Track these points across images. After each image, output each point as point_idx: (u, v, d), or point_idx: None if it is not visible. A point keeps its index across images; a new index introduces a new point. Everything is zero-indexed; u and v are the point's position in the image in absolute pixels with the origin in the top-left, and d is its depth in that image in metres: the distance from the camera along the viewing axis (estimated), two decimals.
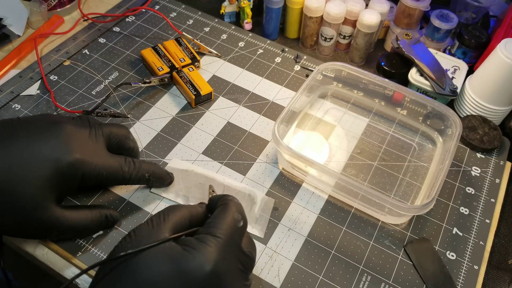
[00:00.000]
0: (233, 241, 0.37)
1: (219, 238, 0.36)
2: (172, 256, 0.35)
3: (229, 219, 0.38)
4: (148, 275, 0.34)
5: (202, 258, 0.35)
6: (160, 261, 0.35)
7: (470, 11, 0.68)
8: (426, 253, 0.49)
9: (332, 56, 0.72)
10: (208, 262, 0.34)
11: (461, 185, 0.55)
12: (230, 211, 0.38)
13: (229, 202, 0.40)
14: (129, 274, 0.34)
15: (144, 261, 0.35)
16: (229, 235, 0.37)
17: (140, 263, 0.35)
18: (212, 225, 0.37)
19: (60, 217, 0.42)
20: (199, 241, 0.36)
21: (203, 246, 0.35)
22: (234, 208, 0.39)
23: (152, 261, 0.35)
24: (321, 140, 0.59)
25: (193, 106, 0.61)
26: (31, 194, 0.40)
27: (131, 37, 0.70)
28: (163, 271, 0.34)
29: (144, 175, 0.48)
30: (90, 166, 0.43)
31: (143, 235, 0.37)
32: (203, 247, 0.35)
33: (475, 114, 0.61)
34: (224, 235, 0.36)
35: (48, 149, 0.41)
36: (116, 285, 0.35)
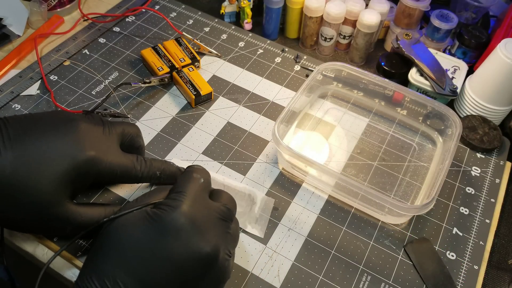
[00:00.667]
0: (199, 194, 0.41)
1: (184, 192, 0.40)
2: (148, 216, 0.39)
3: (189, 179, 0.42)
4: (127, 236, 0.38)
5: (173, 210, 0.38)
6: (136, 222, 0.39)
7: (470, 11, 0.68)
8: (426, 253, 0.49)
9: (332, 56, 0.72)
10: (179, 212, 0.38)
11: (461, 185, 0.55)
12: (189, 173, 0.43)
13: (190, 168, 0.44)
14: (111, 237, 0.39)
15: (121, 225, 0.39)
16: (192, 190, 0.41)
17: (118, 226, 0.39)
18: (177, 186, 0.42)
19: (74, 213, 0.43)
20: (169, 200, 0.40)
21: (173, 201, 0.39)
22: (193, 171, 0.43)
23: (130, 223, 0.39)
24: (321, 140, 0.59)
25: (193, 106, 0.61)
26: (47, 190, 0.40)
27: (131, 37, 0.70)
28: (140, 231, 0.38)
29: (156, 173, 0.48)
30: (105, 164, 0.44)
31: (127, 208, 0.41)
32: (173, 202, 0.39)
33: (475, 114, 0.61)
34: (187, 190, 0.40)
35: (64, 146, 0.42)
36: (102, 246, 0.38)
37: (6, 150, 0.40)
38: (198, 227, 0.38)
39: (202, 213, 0.40)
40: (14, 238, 0.48)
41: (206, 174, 0.44)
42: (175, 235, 0.37)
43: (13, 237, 0.49)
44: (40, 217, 0.41)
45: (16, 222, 0.42)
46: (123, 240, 0.38)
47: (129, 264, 0.37)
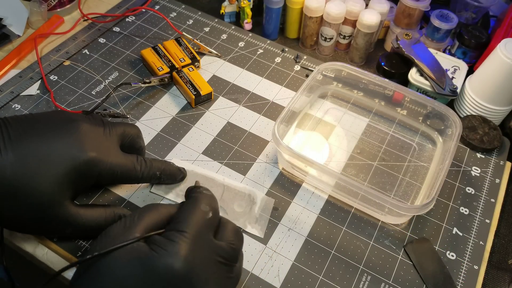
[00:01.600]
0: (203, 234, 0.36)
1: (185, 233, 0.35)
2: (139, 256, 0.34)
3: (196, 212, 0.37)
4: (114, 278, 0.34)
5: (169, 256, 0.34)
6: (126, 262, 0.34)
7: (470, 11, 0.68)
8: (426, 253, 0.49)
9: (332, 56, 0.72)
10: (177, 259, 0.34)
11: (461, 185, 0.55)
12: (197, 203, 0.38)
13: (198, 195, 0.39)
14: (96, 277, 0.34)
15: (110, 263, 0.34)
16: (197, 228, 0.36)
17: (106, 265, 0.34)
18: (178, 220, 0.37)
19: (74, 214, 0.43)
20: (165, 239, 0.35)
21: (170, 244, 0.34)
22: (202, 200, 0.38)
23: (118, 263, 0.34)
24: (321, 140, 0.59)
25: (193, 106, 0.61)
26: (47, 191, 0.40)
27: (131, 37, 0.70)
28: (129, 273, 0.34)
29: (156, 173, 0.48)
30: (105, 165, 0.44)
31: (114, 236, 0.36)
32: (170, 244, 0.34)
33: (475, 114, 0.61)
34: (190, 229, 0.35)
35: (65, 146, 0.42)
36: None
37: (6, 151, 0.39)
38: (195, 277, 0.34)
39: (202, 258, 0.35)
40: (14, 238, 0.48)
41: (214, 203, 0.39)
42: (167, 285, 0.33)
43: (13, 237, 0.48)
44: (40, 218, 0.41)
45: (16, 222, 0.42)
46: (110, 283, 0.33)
47: None
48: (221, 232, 0.39)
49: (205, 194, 0.40)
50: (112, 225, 0.37)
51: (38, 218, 0.41)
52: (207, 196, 0.39)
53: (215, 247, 0.37)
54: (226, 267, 0.37)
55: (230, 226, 0.40)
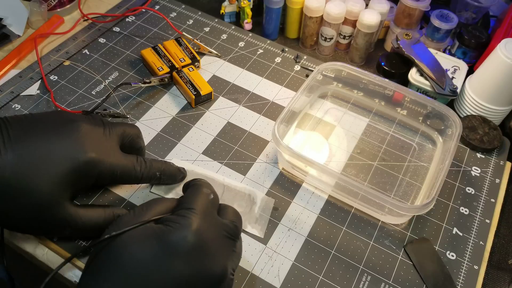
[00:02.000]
0: (208, 211, 0.40)
1: (193, 209, 0.39)
2: (154, 233, 0.37)
3: (200, 194, 0.41)
4: (132, 256, 0.36)
5: (183, 229, 0.37)
6: (142, 240, 0.36)
7: (470, 11, 0.68)
8: (426, 253, 0.49)
9: (332, 56, 0.72)
10: (190, 231, 0.37)
11: (461, 185, 0.55)
12: (199, 188, 0.42)
13: (197, 182, 0.43)
14: (114, 257, 0.36)
15: (126, 243, 0.36)
16: (203, 206, 0.39)
17: (123, 244, 0.36)
18: (186, 201, 0.40)
19: (74, 214, 0.43)
20: (177, 216, 0.38)
21: (182, 218, 0.38)
22: (202, 185, 0.42)
23: (135, 241, 0.36)
24: (321, 140, 0.59)
25: (193, 106, 0.61)
26: (47, 191, 0.40)
27: (131, 37, 0.70)
28: (147, 250, 0.36)
29: (156, 173, 0.48)
30: (105, 165, 0.44)
31: (125, 222, 0.39)
32: (182, 219, 0.37)
33: (475, 114, 0.61)
34: (197, 206, 0.39)
35: (64, 147, 0.42)
36: (101, 269, 0.36)
37: (6, 151, 0.39)
38: (207, 247, 0.37)
39: (211, 231, 0.38)
40: (14, 238, 0.48)
41: (213, 189, 0.43)
42: (184, 255, 0.36)
43: (13, 237, 0.49)
44: (40, 218, 0.41)
45: (15, 222, 0.42)
46: (128, 260, 0.35)
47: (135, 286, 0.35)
48: (222, 213, 0.42)
49: (203, 181, 0.44)
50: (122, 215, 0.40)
51: (37, 218, 0.41)
52: (206, 183, 0.43)
53: (220, 223, 0.40)
54: (231, 241, 0.40)
55: (230, 208, 0.43)
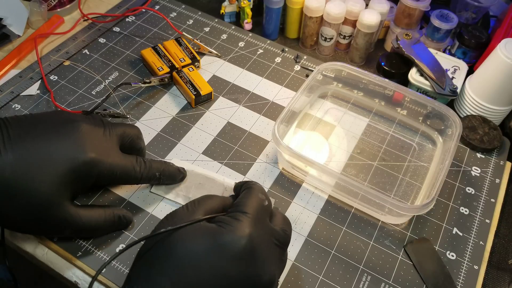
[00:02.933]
0: (262, 217, 0.39)
1: (248, 213, 0.38)
2: (208, 232, 0.37)
3: (255, 198, 0.40)
4: (186, 251, 0.36)
5: (236, 232, 0.36)
6: (197, 237, 0.37)
7: (470, 11, 0.68)
8: (426, 253, 0.49)
9: (332, 56, 0.72)
10: (243, 235, 0.36)
11: (461, 185, 0.55)
12: (255, 192, 0.41)
13: (252, 186, 0.42)
14: (168, 251, 0.36)
15: (181, 238, 0.37)
16: (257, 211, 0.39)
17: (178, 239, 0.37)
18: (241, 204, 0.39)
19: (74, 215, 0.43)
20: (231, 218, 0.38)
21: (236, 222, 0.37)
22: (257, 190, 0.42)
23: (189, 237, 0.37)
24: (321, 140, 0.59)
25: (193, 106, 0.61)
26: (47, 191, 0.40)
27: (131, 37, 0.70)
28: (200, 246, 0.36)
29: (155, 174, 0.48)
30: (105, 166, 0.44)
31: (179, 217, 0.39)
32: (236, 222, 0.37)
33: (475, 114, 0.61)
34: (252, 211, 0.38)
35: (64, 147, 0.42)
36: (155, 262, 0.36)
37: (6, 151, 0.40)
38: (258, 253, 0.37)
39: (263, 237, 0.38)
40: (14, 238, 0.48)
41: (267, 195, 0.42)
42: (236, 258, 0.36)
43: (13, 237, 0.49)
44: (40, 218, 0.41)
45: (15, 222, 0.42)
46: (183, 255, 0.36)
47: (187, 280, 0.35)
48: (273, 219, 0.42)
49: (259, 186, 0.43)
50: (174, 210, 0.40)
51: (37, 219, 0.41)
52: (260, 187, 0.42)
53: (272, 230, 0.40)
54: (280, 250, 0.40)
55: (281, 214, 0.43)
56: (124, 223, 0.48)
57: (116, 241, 0.48)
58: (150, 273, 0.36)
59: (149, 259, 0.37)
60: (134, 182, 0.48)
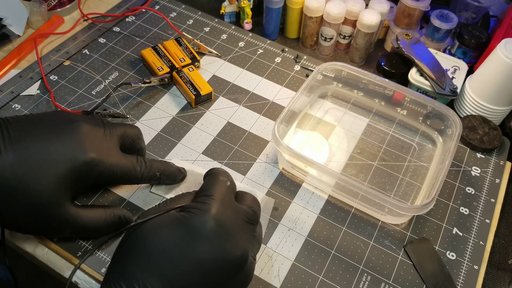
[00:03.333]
0: (227, 198, 0.41)
1: (212, 195, 0.40)
2: (176, 219, 0.38)
3: (217, 181, 0.42)
4: (157, 240, 0.37)
5: (203, 214, 0.38)
6: (166, 225, 0.38)
7: (470, 11, 0.68)
8: (426, 253, 0.49)
9: (332, 56, 0.72)
10: (209, 216, 0.38)
11: (461, 185, 0.55)
12: (216, 176, 0.43)
13: (214, 171, 0.44)
14: (140, 242, 0.38)
15: (152, 228, 0.38)
16: (220, 193, 0.41)
17: (148, 230, 0.38)
18: (204, 189, 0.41)
19: (74, 215, 0.43)
20: (197, 203, 0.40)
21: (202, 205, 0.39)
22: (219, 173, 0.43)
23: (159, 226, 0.38)
24: (321, 140, 0.59)
25: (193, 106, 0.61)
26: (47, 191, 0.41)
27: (131, 37, 0.70)
28: (170, 234, 0.37)
29: (156, 174, 0.48)
30: (105, 166, 0.44)
31: (151, 212, 0.41)
32: (202, 205, 0.39)
33: (475, 114, 0.61)
34: (215, 193, 0.40)
35: (65, 147, 0.42)
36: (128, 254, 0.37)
37: (6, 151, 0.40)
38: (227, 231, 0.38)
39: (230, 216, 0.39)
40: (14, 238, 0.48)
41: (230, 177, 0.44)
42: (205, 238, 0.37)
43: (13, 237, 0.48)
44: (40, 218, 0.41)
45: (15, 223, 0.42)
46: (153, 244, 0.37)
47: (159, 268, 0.36)
48: (241, 199, 0.43)
49: (221, 170, 0.44)
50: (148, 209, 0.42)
51: (37, 219, 0.41)
52: (223, 171, 0.44)
53: (239, 208, 0.41)
54: (250, 226, 0.41)
55: (248, 194, 0.44)
56: (124, 223, 0.48)
57: (116, 241, 0.48)
58: (124, 265, 0.37)
59: (123, 252, 0.38)
60: (135, 182, 0.48)
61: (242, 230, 0.40)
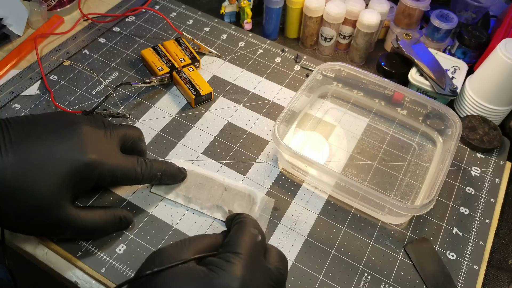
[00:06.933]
0: (255, 256, 0.37)
1: (240, 254, 0.36)
2: (198, 275, 0.34)
3: (247, 235, 0.38)
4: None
5: (228, 275, 0.34)
6: (185, 282, 0.34)
7: (470, 11, 0.68)
8: (426, 253, 0.49)
9: (332, 56, 0.72)
10: (235, 279, 0.34)
11: (461, 185, 0.55)
12: (246, 227, 0.38)
13: (243, 219, 0.40)
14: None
15: (169, 281, 0.34)
16: (249, 250, 0.36)
17: (165, 282, 0.34)
18: (231, 243, 0.37)
19: (75, 216, 0.43)
20: (222, 260, 0.35)
21: (227, 264, 0.35)
22: (249, 224, 0.39)
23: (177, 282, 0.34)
24: (321, 140, 0.59)
25: (193, 106, 0.61)
26: (48, 193, 0.40)
27: (131, 37, 0.70)
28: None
29: (156, 174, 0.48)
30: (105, 167, 0.44)
31: (168, 255, 0.37)
32: (227, 264, 0.35)
33: (475, 114, 0.61)
34: (244, 250, 0.36)
35: (65, 149, 0.42)
36: None
37: (7, 152, 0.39)
38: None
39: (257, 280, 0.35)
40: (14, 238, 0.48)
41: (259, 227, 0.40)
42: None
43: (13, 237, 0.49)
44: (40, 220, 0.41)
45: (16, 224, 0.42)
46: None
47: None
48: (268, 255, 0.39)
49: (250, 218, 0.40)
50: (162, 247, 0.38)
51: (38, 220, 0.41)
52: (253, 220, 0.40)
53: (267, 270, 0.37)
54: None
55: (275, 250, 0.40)
56: (124, 223, 0.48)
57: (116, 242, 0.48)
58: None
59: None
60: (136, 183, 0.48)
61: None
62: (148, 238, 0.48)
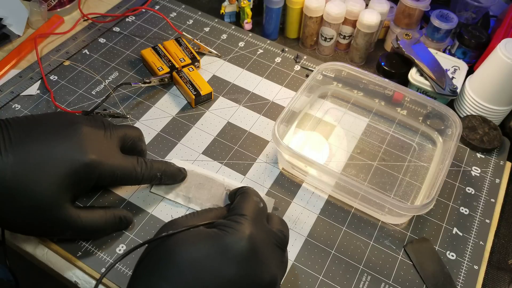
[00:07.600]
0: (260, 219, 0.40)
1: (246, 216, 0.39)
2: (208, 235, 0.37)
3: (251, 202, 0.41)
4: (187, 255, 0.35)
5: (237, 233, 0.37)
6: (197, 241, 0.37)
7: (470, 11, 0.68)
8: (426, 253, 0.49)
9: (332, 56, 0.72)
10: (244, 237, 0.36)
11: (461, 185, 0.55)
12: (250, 195, 0.42)
13: (246, 190, 0.43)
14: (168, 255, 0.36)
15: (182, 242, 0.36)
16: (254, 213, 0.39)
17: (178, 244, 0.36)
18: (238, 207, 0.40)
19: (74, 216, 0.43)
20: (230, 221, 0.38)
21: (236, 224, 0.38)
22: (252, 193, 0.42)
23: (190, 241, 0.37)
24: (321, 140, 0.59)
25: (193, 106, 0.61)
26: (47, 193, 0.40)
27: (131, 37, 0.70)
28: (201, 250, 0.36)
29: (156, 174, 0.48)
30: (105, 167, 0.44)
31: (179, 223, 0.39)
32: (236, 224, 0.38)
33: (475, 114, 0.61)
34: (250, 213, 0.39)
35: (65, 149, 0.42)
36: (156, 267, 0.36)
37: (7, 153, 0.39)
38: (259, 254, 0.37)
39: (262, 238, 0.38)
40: (14, 238, 0.48)
41: (261, 198, 0.43)
42: (237, 259, 0.36)
43: (14, 237, 0.49)
44: (40, 220, 0.41)
45: (16, 224, 0.42)
46: (182, 257, 0.35)
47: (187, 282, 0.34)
48: (270, 221, 0.42)
49: (252, 189, 0.43)
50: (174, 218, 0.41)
51: (38, 221, 0.41)
52: (254, 191, 0.43)
53: (270, 231, 0.40)
54: (280, 251, 0.40)
55: (277, 216, 0.43)
56: (124, 224, 0.48)
57: (116, 242, 0.48)
58: (151, 279, 0.35)
59: (150, 265, 0.36)
60: (135, 183, 0.48)
61: (272, 254, 0.38)
62: (148, 238, 0.48)
